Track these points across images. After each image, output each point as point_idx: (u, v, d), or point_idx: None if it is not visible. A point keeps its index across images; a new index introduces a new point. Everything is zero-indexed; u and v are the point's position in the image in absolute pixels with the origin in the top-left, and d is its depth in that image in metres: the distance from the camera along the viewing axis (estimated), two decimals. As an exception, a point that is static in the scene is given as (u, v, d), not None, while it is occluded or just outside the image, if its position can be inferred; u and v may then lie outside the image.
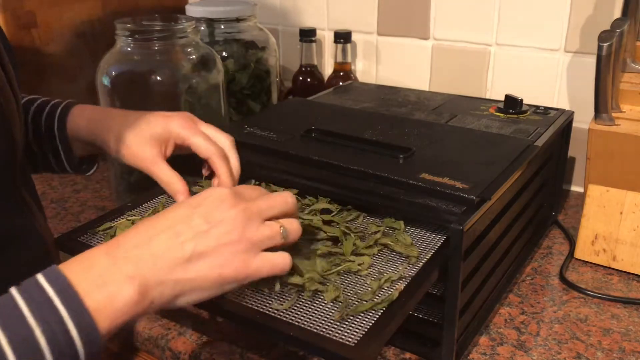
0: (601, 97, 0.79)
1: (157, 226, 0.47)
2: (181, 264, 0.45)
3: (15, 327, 0.38)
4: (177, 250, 0.45)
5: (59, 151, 0.68)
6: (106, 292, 0.42)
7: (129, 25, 0.85)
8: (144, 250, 0.45)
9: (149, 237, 0.46)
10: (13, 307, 0.39)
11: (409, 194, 0.62)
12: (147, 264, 0.44)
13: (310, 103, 0.93)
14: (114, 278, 0.43)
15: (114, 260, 0.44)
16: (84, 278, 0.42)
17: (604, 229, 0.78)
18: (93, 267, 0.43)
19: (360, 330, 0.47)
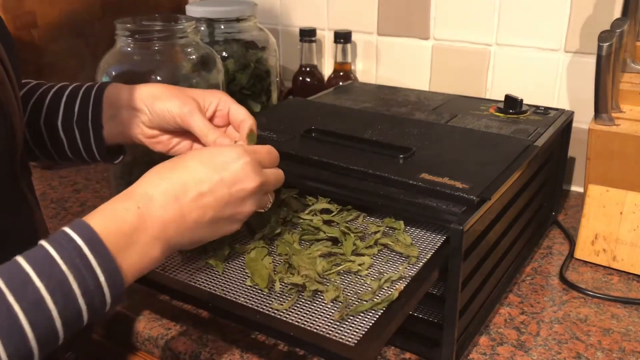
0: (601, 97, 0.79)
1: (184, 184, 0.50)
2: (200, 227, 0.51)
3: (51, 274, 0.41)
4: (200, 215, 0.50)
5: (89, 135, 0.67)
6: (135, 251, 0.46)
7: (129, 25, 0.85)
8: (169, 211, 0.49)
9: (175, 197, 0.49)
10: (46, 255, 0.42)
11: (409, 194, 0.62)
12: (171, 225, 0.49)
13: (310, 103, 0.93)
14: (142, 239, 0.47)
15: (142, 221, 0.47)
16: (115, 234, 0.45)
17: (604, 229, 0.78)
18: (124, 223, 0.46)
19: (360, 330, 0.47)
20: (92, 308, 0.43)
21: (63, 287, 0.41)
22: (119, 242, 0.45)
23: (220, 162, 0.52)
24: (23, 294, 0.39)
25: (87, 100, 0.67)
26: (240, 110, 0.66)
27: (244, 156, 0.53)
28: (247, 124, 0.64)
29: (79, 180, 1.06)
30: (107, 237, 0.44)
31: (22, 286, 0.40)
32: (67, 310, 0.41)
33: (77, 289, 0.41)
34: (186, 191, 0.50)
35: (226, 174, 0.52)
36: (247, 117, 0.65)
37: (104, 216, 0.46)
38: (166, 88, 0.66)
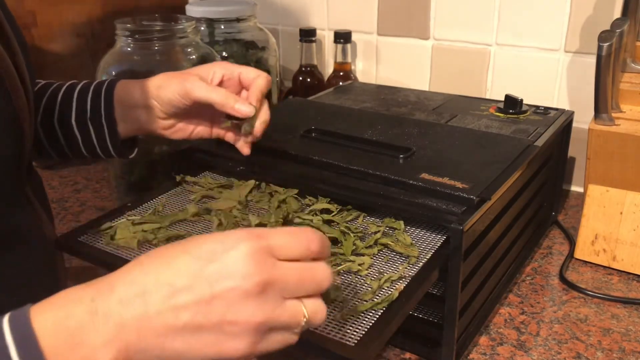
0: (601, 97, 0.79)
1: (155, 275, 0.38)
2: (171, 333, 0.37)
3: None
4: (170, 317, 0.37)
5: (104, 132, 0.68)
6: (78, 355, 0.35)
7: (129, 25, 0.85)
8: (131, 308, 0.37)
9: (141, 292, 0.37)
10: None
11: (409, 194, 0.62)
12: (131, 327, 0.36)
13: (310, 103, 0.93)
14: (89, 341, 0.36)
15: (94, 315, 0.36)
16: (55, 332, 0.35)
17: (604, 229, 0.78)
18: (70, 318, 0.36)
19: (360, 330, 0.47)
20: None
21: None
22: (58, 342, 0.35)
23: (208, 250, 0.38)
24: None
25: (98, 98, 0.68)
26: (251, 70, 0.66)
27: (245, 241, 0.38)
28: (259, 82, 0.65)
29: (79, 180, 1.06)
30: (46, 338, 0.35)
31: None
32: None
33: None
34: (157, 285, 0.37)
35: (211, 266, 0.37)
36: (258, 74, 0.65)
37: (52, 308, 0.37)
38: (167, 75, 0.66)
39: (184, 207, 0.67)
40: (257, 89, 0.65)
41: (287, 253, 0.39)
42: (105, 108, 0.67)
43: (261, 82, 0.65)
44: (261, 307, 0.37)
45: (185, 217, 0.64)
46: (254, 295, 0.37)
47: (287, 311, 0.38)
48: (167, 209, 0.67)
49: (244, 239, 0.38)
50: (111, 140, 0.68)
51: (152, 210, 0.66)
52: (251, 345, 0.38)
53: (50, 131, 0.68)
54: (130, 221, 0.63)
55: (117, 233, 0.61)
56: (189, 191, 0.71)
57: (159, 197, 0.70)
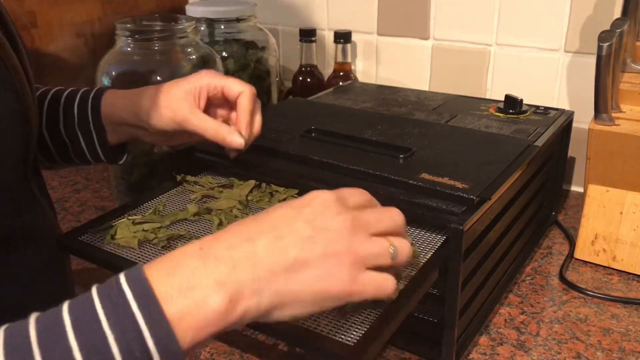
0: (601, 97, 0.79)
1: (257, 226, 0.42)
2: (283, 272, 0.40)
3: (89, 332, 0.34)
4: (280, 255, 0.40)
5: (92, 139, 0.67)
6: (191, 298, 0.37)
7: (129, 25, 0.85)
8: (241, 251, 0.39)
9: (247, 238, 0.40)
10: (90, 308, 0.36)
11: (409, 194, 0.62)
12: (243, 267, 0.39)
13: (310, 103, 0.93)
14: (201, 282, 0.37)
15: (204, 260, 0.38)
16: (167, 280, 0.37)
17: (604, 229, 0.78)
18: (180, 267, 0.38)
19: (360, 330, 0.47)
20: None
21: (101, 350, 0.34)
22: (173, 287, 0.37)
23: (299, 203, 0.44)
24: (51, 353, 0.34)
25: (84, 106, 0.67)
26: (234, 84, 0.64)
27: (326, 193, 0.44)
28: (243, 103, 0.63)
29: (79, 180, 1.06)
30: (161, 286, 0.37)
31: (53, 344, 0.34)
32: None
33: (117, 354, 0.34)
34: (261, 232, 0.41)
35: (305, 210, 0.43)
36: (241, 90, 0.63)
37: (162, 261, 0.39)
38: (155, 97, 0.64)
39: (184, 207, 0.67)
40: (244, 112, 0.63)
41: (352, 202, 0.45)
42: (93, 117, 0.67)
43: (245, 102, 0.63)
44: (353, 240, 0.42)
45: (186, 217, 0.64)
46: (347, 230, 0.42)
47: (375, 243, 0.43)
48: (167, 209, 0.67)
49: (318, 192, 0.44)
50: (101, 147, 0.68)
51: (152, 210, 0.66)
52: (351, 280, 0.42)
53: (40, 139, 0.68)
54: (131, 221, 0.63)
55: (118, 233, 0.61)
56: (189, 191, 0.71)
57: (159, 196, 0.70)
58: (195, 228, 0.63)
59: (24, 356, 0.33)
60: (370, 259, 0.43)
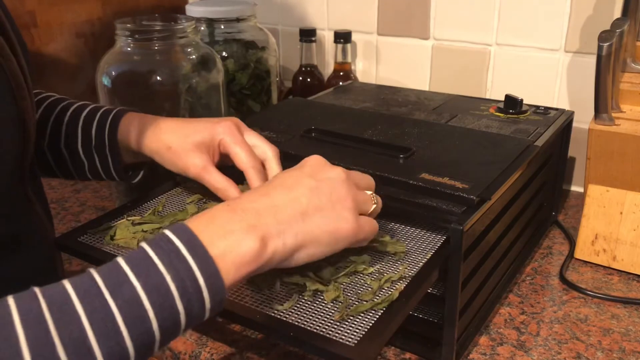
0: (601, 97, 0.79)
1: (270, 186, 0.50)
2: (300, 216, 0.48)
3: (149, 275, 0.40)
4: (294, 203, 0.48)
5: (108, 161, 0.68)
6: (229, 241, 0.43)
7: (129, 25, 0.85)
8: (261, 203, 0.47)
9: (264, 194, 0.48)
10: (145, 257, 0.41)
11: (409, 194, 0.62)
12: (267, 214, 0.46)
13: (310, 103, 0.93)
14: (235, 227, 0.44)
15: (234, 212, 0.46)
16: (206, 229, 0.43)
17: (604, 229, 0.78)
18: (215, 219, 0.45)
19: (360, 330, 0.47)
20: (190, 312, 0.41)
21: (160, 288, 0.39)
22: (213, 234, 0.43)
23: (297, 166, 0.54)
24: (119, 292, 0.38)
25: (102, 129, 0.67)
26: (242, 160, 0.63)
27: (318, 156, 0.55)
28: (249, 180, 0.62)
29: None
30: (202, 234, 0.43)
31: (118, 284, 0.39)
32: (165, 312, 0.39)
33: (174, 290, 0.40)
34: (273, 188, 0.49)
35: (305, 168, 0.52)
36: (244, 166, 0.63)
37: (198, 217, 0.45)
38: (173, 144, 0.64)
39: (183, 208, 0.67)
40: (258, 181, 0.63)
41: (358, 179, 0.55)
42: (110, 140, 0.67)
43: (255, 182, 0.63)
44: (350, 188, 0.52)
45: (185, 218, 0.64)
46: (344, 179, 0.52)
47: (362, 192, 0.54)
48: (166, 209, 0.67)
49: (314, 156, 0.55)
50: (115, 169, 0.69)
51: (151, 211, 0.66)
52: (354, 221, 0.50)
53: (58, 153, 0.69)
54: (130, 221, 0.63)
55: (117, 233, 0.61)
56: (188, 191, 0.71)
57: (158, 197, 0.70)
58: (195, 228, 0.63)
59: (96, 295, 0.38)
60: (362, 204, 0.52)
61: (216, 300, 0.42)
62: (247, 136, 0.65)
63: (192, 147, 0.64)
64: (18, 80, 0.53)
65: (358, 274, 0.55)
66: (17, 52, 0.55)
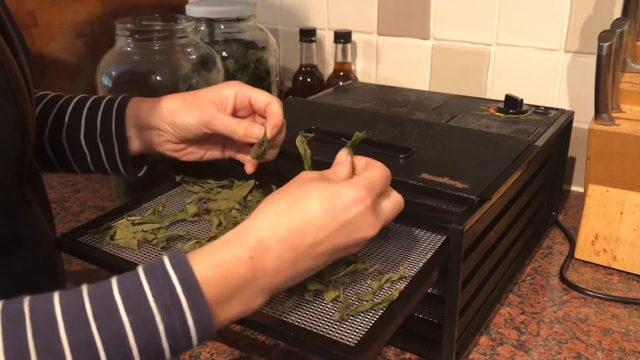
0: (601, 97, 0.79)
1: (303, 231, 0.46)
2: (311, 272, 0.48)
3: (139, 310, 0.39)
4: (314, 261, 0.47)
5: (114, 149, 0.67)
6: (237, 301, 0.44)
7: (129, 25, 0.85)
8: (284, 261, 0.45)
9: (292, 247, 0.46)
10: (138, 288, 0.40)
11: (409, 194, 0.61)
12: (283, 274, 0.46)
13: (310, 103, 0.93)
14: (247, 290, 0.44)
15: (253, 272, 0.44)
16: (218, 287, 0.43)
17: (604, 229, 0.78)
18: (233, 275, 0.43)
19: (360, 330, 0.47)
20: (175, 349, 0.41)
21: (148, 326, 0.39)
22: (223, 293, 0.43)
23: (341, 207, 0.47)
24: (106, 326, 0.38)
25: (109, 116, 0.67)
26: (260, 95, 0.64)
27: (367, 199, 0.48)
28: (275, 109, 0.63)
29: (79, 180, 1.06)
30: (209, 286, 0.42)
31: (107, 317, 0.39)
32: (149, 349, 0.39)
33: (162, 330, 0.40)
34: (304, 239, 0.46)
35: (346, 222, 0.47)
36: (269, 99, 0.64)
37: (212, 262, 0.44)
38: (182, 99, 0.65)
39: (183, 207, 0.67)
40: (276, 115, 0.64)
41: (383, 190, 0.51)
42: (117, 126, 0.66)
43: (277, 108, 0.64)
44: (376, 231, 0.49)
45: (185, 217, 0.64)
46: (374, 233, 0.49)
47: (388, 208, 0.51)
48: (166, 209, 0.67)
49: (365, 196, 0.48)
50: (121, 157, 0.67)
51: (151, 211, 0.66)
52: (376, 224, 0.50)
53: (58, 146, 0.68)
54: (130, 221, 0.63)
55: (117, 233, 0.61)
56: (188, 191, 0.71)
57: (158, 197, 0.70)
58: (194, 229, 0.63)
59: (83, 327, 0.38)
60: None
61: (204, 339, 0.42)
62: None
63: (204, 99, 0.64)
64: (18, 80, 0.53)
65: (358, 274, 0.55)
66: (18, 52, 0.55)
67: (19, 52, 0.56)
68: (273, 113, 0.64)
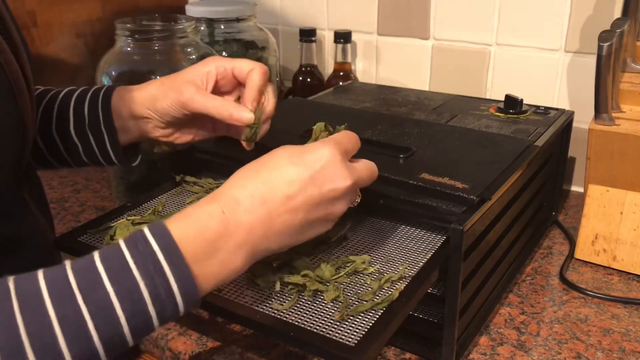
0: (601, 97, 0.79)
1: (272, 185, 0.47)
2: (290, 233, 0.47)
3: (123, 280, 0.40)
4: (289, 218, 0.47)
5: (104, 139, 0.67)
6: (215, 259, 0.43)
7: (129, 25, 0.85)
8: (257, 215, 0.45)
9: (263, 200, 0.46)
10: (120, 258, 0.41)
11: (409, 194, 0.62)
12: (259, 231, 0.45)
13: (310, 103, 0.93)
14: (224, 246, 0.44)
15: (225, 226, 0.44)
16: (193, 242, 0.43)
17: (604, 229, 0.78)
18: (205, 232, 0.43)
19: (360, 330, 0.47)
20: (163, 316, 0.41)
21: (133, 294, 0.39)
22: (198, 250, 0.43)
23: (310, 160, 0.48)
24: (92, 297, 0.39)
25: (95, 107, 0.67)
26: (244, 63, 0.63)
27: (336, 153, 0.49)
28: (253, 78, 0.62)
29: (79, 180, 1.06)
30: (185, 245, 0.42)
31: (92, 288, 0.39)
32: (136, 317, 0.40)
33: (147, 296, 0.40)
34: (274, 193, 0.46)
35: (317, 173, 0.48)
36: (251, 67, 0.62)
37: (186, 221, 0.44)
38: (161, 84, 0.64)
39: (183, 207, 0.67)
40: (253, 88, 0.62)
41: (352, 150, 0.52)
42: (104, 116, 0.66)
43: (255, 78, 0.62)
44: (350, 199, 0.51)
45: (185, 217, 0.64)
46: (347, 194, 0.50)
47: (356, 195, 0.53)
48: (166, 209, 0.67)
49: (334, 151, 0.49)
50: (112, 147, 0.67)
51: (151, 210, 0.66)
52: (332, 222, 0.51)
53: (49, 139, 0.68)
54: (130, 221, 0.63)
55: (117, 233, 0.61)
56: (188, 191, 0.71)
57: (158, 197, 0.70)
58: (195, 228, 0.63)
59: (69, 299, 0.38)
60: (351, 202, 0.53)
61: (190, 304, 0.42)
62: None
63: (182, 81, 0.63)
64: (19, 82, 0.53)
65: (358, 274, 0.55)
66: (19, 53, 0.55)
67: (21, 53, 0.55)
68: (249, 84, 0.62)
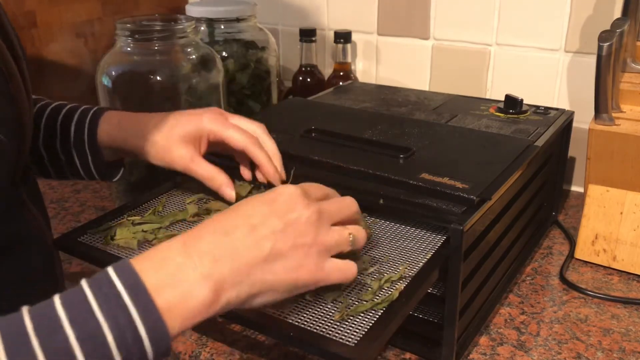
0: (601, 97, 0.79)
1: (233, 220, 0.46)
2: (259, 264, 0.44)
3: (84, 322, 0.37)
4: (256, 249, 0.44)
5: (87, 158, 0.67)
6: (179, 290, 0.41)
7: (129, 25, 0.85)
8: (220, 246, 0.44)
9: (225, 232, 0.44)
10: (82, 300, 0.38)
11: (409, 194, 0.62)
12: (225, 261, 0.43)
13: (310, 103, 0.93)
14: (188, 276, 0.41)
15: (188, 256, 0.42)
16: (156, 274, 0.41)
17: (604, 229, 0.78)
18: (166, 263, 0.42)
19: (360, 330, 0.47)
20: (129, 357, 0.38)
21: (96, 338, 0.37)
22: (162, 280, 0.40)
23: (268, 197, 0.48)
24: (50, 342, 0.36)
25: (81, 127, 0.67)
26: (234, 138, 0.63)
27: (295, 189, 0.48)
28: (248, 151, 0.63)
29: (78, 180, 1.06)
30: (150, 278, 0.40)
31: (50, 333, 0.36)
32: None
33: (112, 341, 0.37)
34: (236, 226, 0.45)
35: (275, 205, 0.47)
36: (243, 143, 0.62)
37: (149, 257, 0.42)
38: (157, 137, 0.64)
39: (183, 207, 0.67)
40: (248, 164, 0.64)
41: (314, 194, 0.50)
42: (89, 138, 0.66)
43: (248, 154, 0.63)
44: (319, 232, 0.47)
45: (185, 218, 0.64)
46: (313, 223, 0.47)
47: (337, 232, 0.49)
48: (166, 209, 0.67)
49: (285, 187, 0.48)
50: (95, 167, 0.68)
51: (151, 211, 0.66)
52: (318, 269, 0.47)
53: (35, 152, 0.68)
54: (130, 221, 0.63)
55: (117, 233, 0.61)
56: (188, 191, 0.71)
57: (158, 197, 0.70)
58: (195, 228, 0.63)
59: (23, 345, 0.36)
60: (334, 247, 0.48)
61: (160, 349, 0.39)
62: (232, 119, 0.65)
63: (177, 140, 0.63)
64: (17, 84, 0.53)
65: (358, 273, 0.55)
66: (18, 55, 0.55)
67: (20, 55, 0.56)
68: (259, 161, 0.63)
